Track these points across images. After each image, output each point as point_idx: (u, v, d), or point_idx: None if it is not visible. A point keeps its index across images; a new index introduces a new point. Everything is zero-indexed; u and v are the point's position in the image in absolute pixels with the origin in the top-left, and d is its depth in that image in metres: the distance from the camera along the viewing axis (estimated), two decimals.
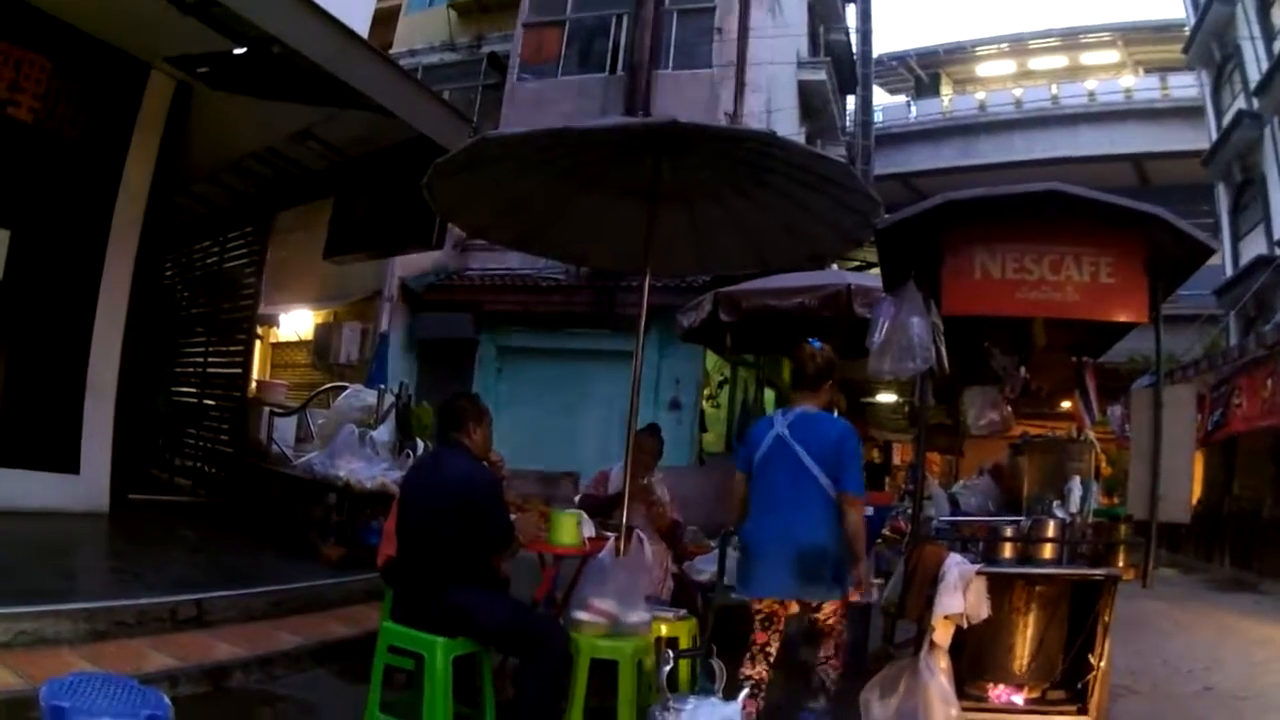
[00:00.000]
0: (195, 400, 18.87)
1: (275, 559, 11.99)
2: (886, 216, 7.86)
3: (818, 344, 7.29)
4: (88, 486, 12.57)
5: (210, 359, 18.87)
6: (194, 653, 8.00)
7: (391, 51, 25.30)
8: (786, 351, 10.37)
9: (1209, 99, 38.31)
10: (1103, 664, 7.42)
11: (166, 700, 4.31)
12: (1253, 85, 31.61)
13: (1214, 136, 36.15)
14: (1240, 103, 33.54)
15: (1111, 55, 55.71)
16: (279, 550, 12.48)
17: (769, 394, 23.51)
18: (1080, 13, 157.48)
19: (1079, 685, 7.51)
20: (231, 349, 18.17)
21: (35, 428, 12.14)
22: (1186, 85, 43.15)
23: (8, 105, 11.25)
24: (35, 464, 11.89)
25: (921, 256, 7.78)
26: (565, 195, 8.37)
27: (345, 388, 15.36)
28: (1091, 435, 9.56)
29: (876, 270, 10.24)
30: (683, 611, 7.87)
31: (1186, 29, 40.47)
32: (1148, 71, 51.87)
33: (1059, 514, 7.87)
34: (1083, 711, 7.45)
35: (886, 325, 7.77)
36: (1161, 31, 50.48)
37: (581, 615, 6.88)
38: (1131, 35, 54.09)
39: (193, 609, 8.88)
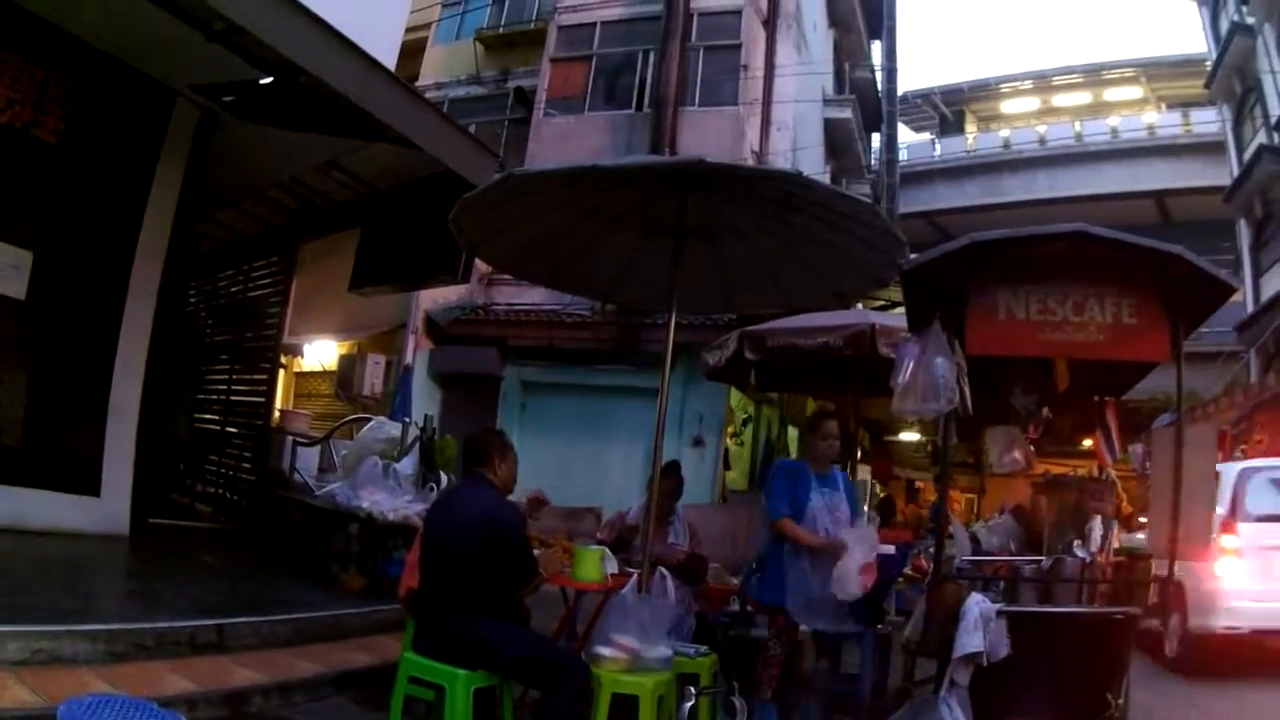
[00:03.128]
0: (218, 427, 18.89)
1: (296, 587, 11.97)
2: (912, 257, 7.89)
3: None
4: (108, 509, 12.54)
5: (234, 386, 18.91)
6: (213, 677, 8.01)
7: (418, 84, 25.37)
8: (810, 391, 10.58)
9: (1230, 134, 38.06)
10: (1120, 701, 7.42)
11: None
12: (1274, 119, 31.47)
13: (1235, 172, 35.86)
14: (1261, 137, 33.37)
15: (1134, 91, 55.46)
16: (300, 578, 12.47)
17: (792, 432, 23.51)
18: (1103, 48, 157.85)
19: None
20: (255, 377, 18.20)
21: (57, 449, 12.13)
22: (1208, 121, 42.80)
23: (31, 126, 11.26)
24: (56, 485, 11.85)
25: (946, 297, 7.79)
26: (591, 232, 8.39)
27: (369, 419, 15.37)
28: (1113, 473, 9.56)
29: (900, 310, 10.25)
30: (704, 648, 7.87)
31: (1208, 63, 40.34)
32: (1170, 107, 51.53)
33: (1079, 553, 7.87)
34: None
35: (911, 366, 7.77)
36: (1183, 66, 50.22)
37: (603, 650, 6.88)
38: (1154, 70, 53.85)
39: (213, 634, 8.88)
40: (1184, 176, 43.10)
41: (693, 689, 6.55)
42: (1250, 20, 33.85)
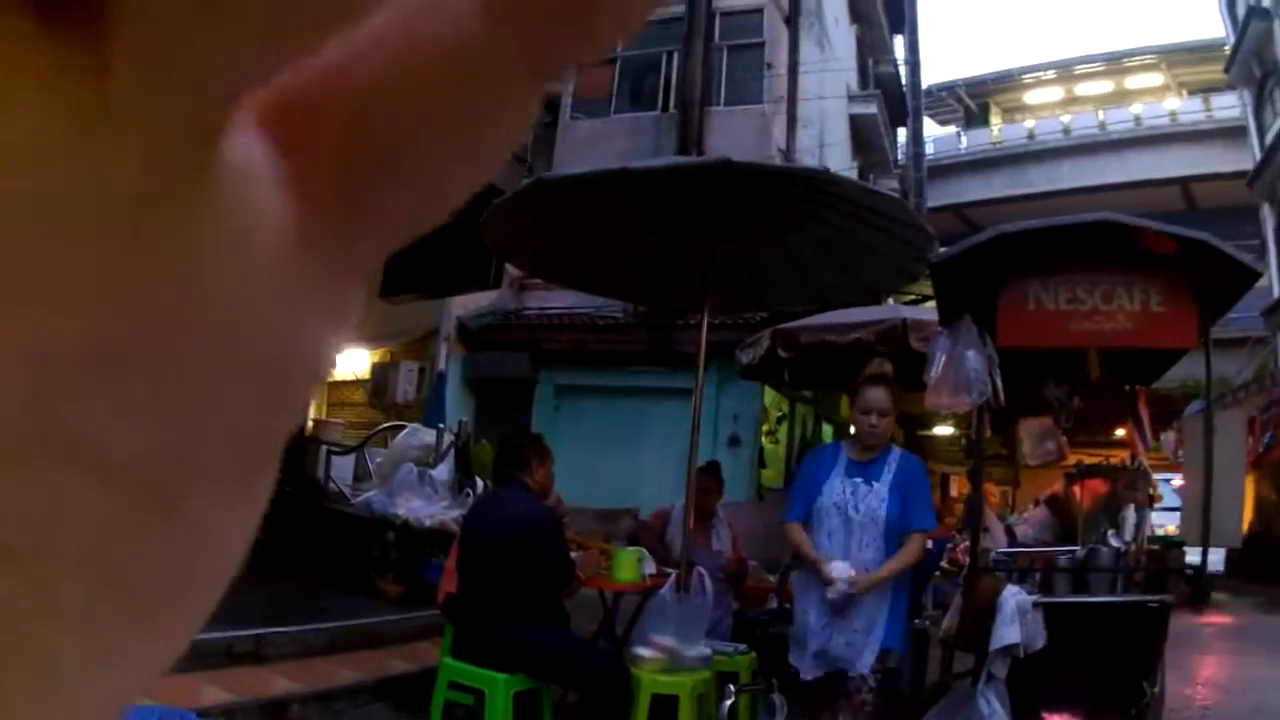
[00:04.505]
0: None
1: (333, 595, 11.98)
2: (941, 251, 7.89)
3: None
4: None
5: None
6: (251, 687, 8.04)
7: None
8: (844, 387, 10.32)
9: (1251, 118, 37.91)
10: (1156, 690, 7.41)
11: None
12: None
13: (1257, 156, 35.76)
14: None
15: (1155, 78, 55.36)
16: (337, 587, 12.49)
17: (827, 429, 23.48)
18: (1122, 36, 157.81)
19: (1132, 712, 7.48)
20: None
21: None
22: (1229, 106, 42.75)
23: None
24: None
25: (976, 289, 7.79)
26: (622, 234, 8.40)
27: (403, 426, 15.39)
28: (1145, 463, 9.54)
29: (931, 304, 10.24)
30: (743, 647, 7.86)
31: (1227, 48, 40.24)
32: (1191, 93, 51.47)
33: (1114, 542, 7.86)
34: None
35: (943, 360, 7.77)
36: (1202, 52, 50.06)
37: (642, 651, 6.89)
38: (1173, 57, 53.73)
39: (250, 644, 8.91)
40: (1207, 162, 43.02)
41: (732, 687, 6.56)
42: (1267, 3, 33.68)
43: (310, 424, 18.02)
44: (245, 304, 0.28)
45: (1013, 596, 7.22)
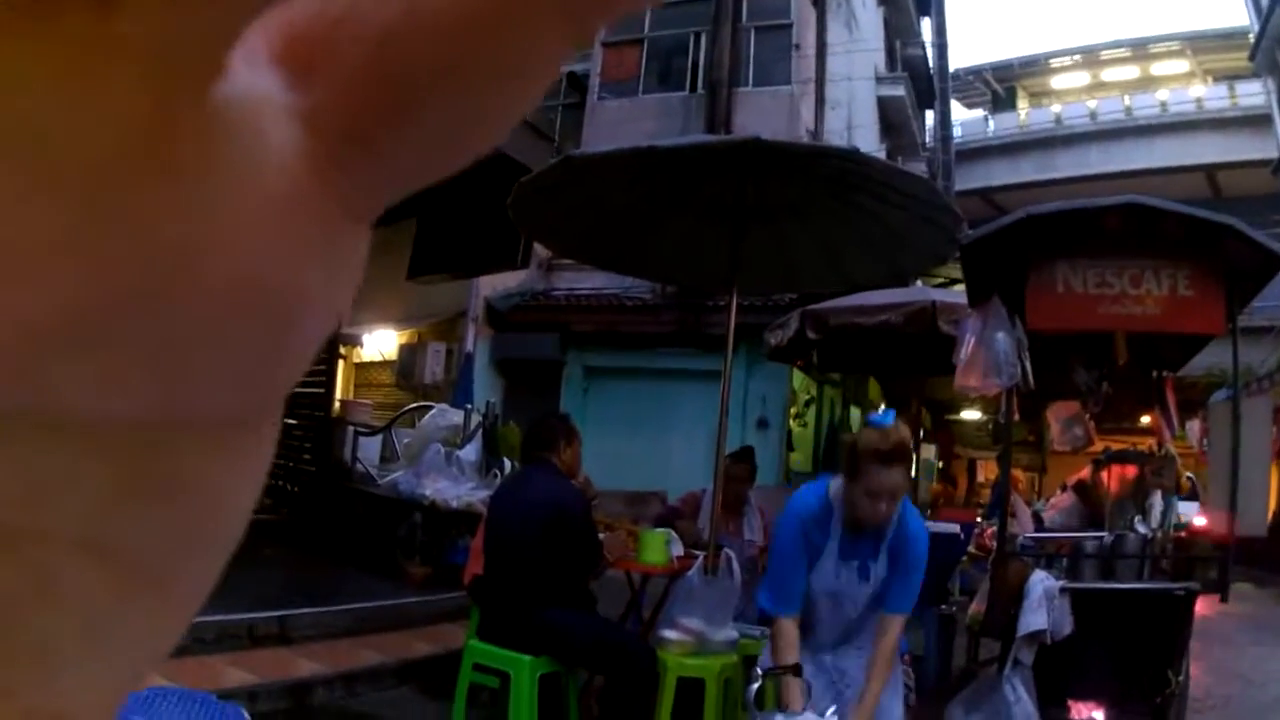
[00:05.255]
0: None
1: (358, 577, 12.01)
2: (969, 232, 7.83)
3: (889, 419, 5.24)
4: None
5: None
6: (275, 669, 8.06)
7: None
8: (872, 370, 10.21)
9: (1275, 106, 37.94)
10: (1181, 679, 7.37)
11: (246, 715, 4.29)
12: None
13: None
14: None
15: (1181, 65, 55.36)
16: (362, 569, 12.50)
17: (854, 412, 23.45)
18: (1148, 21, 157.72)
19: (1157, 700, 7.44)
20: (314, 368, 18.18)
21: None
22: (1255, 93, 42.78)
23: None
24: None
25: (1005, 272, 7.75)
26: (650, 214, 8.35)
27: (430, 407, 15.42)
28: (1172, 449, 9.50)
29: (960, 287, 10.18)
30: (769, 629, 7.83)
31: (1251, 36, 40.17)
32: (1216, 80, 51.45)
33: (1140, 529, 7.83)
34: None
35: (972, 341, 7.73)
36: (1228, 39, 50.06)
37: (669, 634, 6.85)
38: (1199, 44, 53.76)
39: (274, 626, 8.92)
40: (1233, 149, 43.02)
41: (759, 670, 6.52)
42: None
43: (337, 405, 18.07)
44: (248, 246, 0.27)
45: (1040, 582, 7.19)
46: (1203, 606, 7.75)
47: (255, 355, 0.29)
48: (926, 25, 38.60)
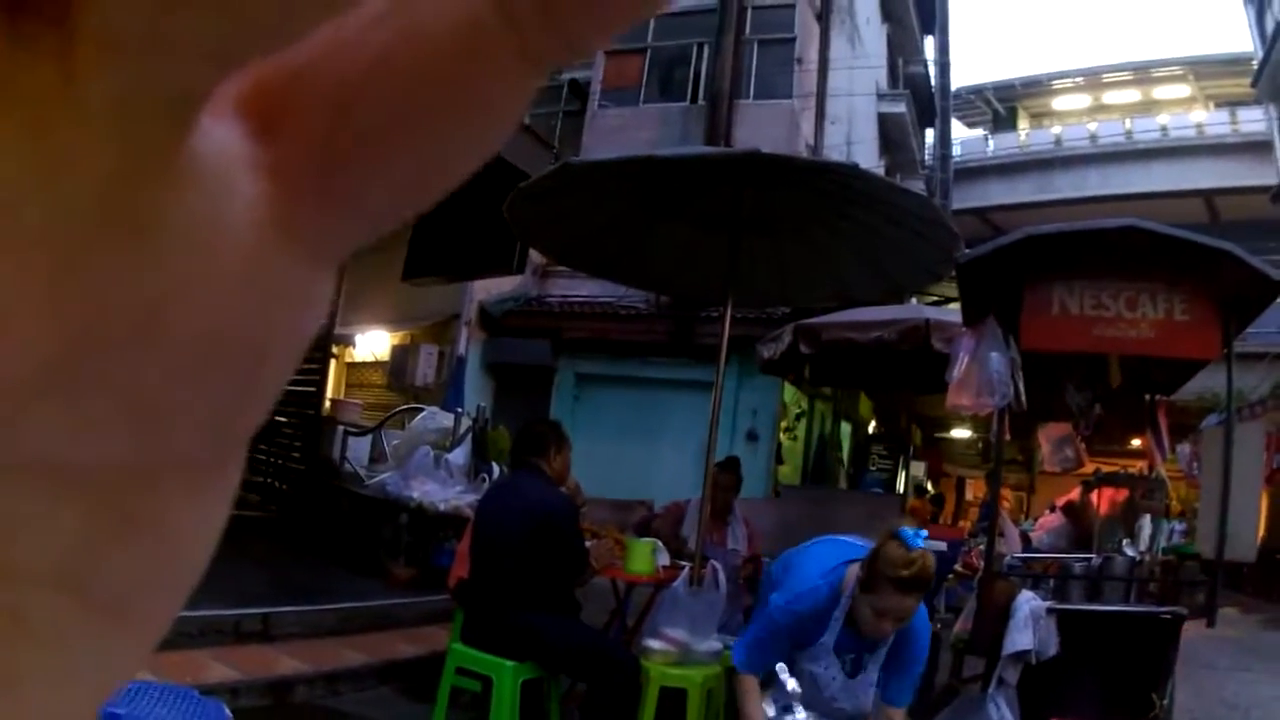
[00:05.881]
0: (268, 416, 18.75)
1: (344, 577, 12.02)
2: (967, 251, 7.85)
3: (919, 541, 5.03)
4: None
5: None
6: (258, 666, 8.07)
7: None
8: (864, 386, 10.18)
9: (1277, 134, 37.96)
10: (1165, 702, 7.39)
11: (227, 712, 4.29)
12: None
13: None
14: None
15: (1183, 89, 55.39)
16: (348, 568, 12.50)
17: (845, 427, 23.49)
18: (1151, 45, 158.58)
19: None
20: (306, 366, 18.14)
21: None
22: (1256, 120, 42.82)
23: None
24: None
25: (1001, 291, 7.76)
26: (647, 223, 8.36)
27: (421, 409, 15.42)
28: (1163, 473, 9.53)
29: (954, 306, 10.20)
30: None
31: (1255, 62, 40.24)
32: (1218, 106, 51.50)
33: (1129, 552, 7.86)
34: None
35: (965, 360, 7.75)
36: (1230, 65, 50.09)
37: (653, 643, 6.87)
38: (1201, 69, 53.79)
39: (258, 623, 8.93)
40: (1232, 175, 42.98)
41: None
42: None
43: (328, 404, 18.07)
44: (215, 299, 0.28)
45: (1027, 602, 7.22)
46: (1189, 631, 7.76)
47: (221, 402, 0.30)
48: (930, 43, 38.65)
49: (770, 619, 5.27)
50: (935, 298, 16.20)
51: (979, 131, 57.87)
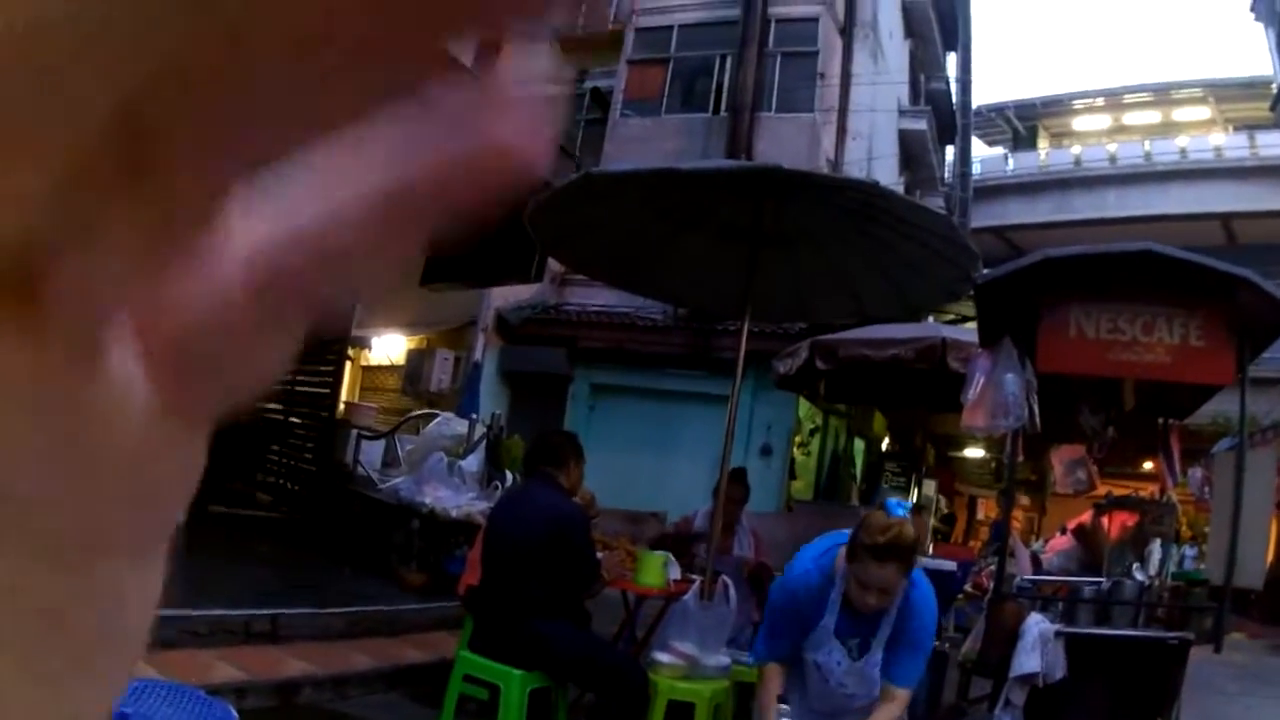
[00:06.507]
0: (281, 417, 18.86)
1: (353, 580, 12.01)
2: (985, 272, 7.85)
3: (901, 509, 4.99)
4: None
5: (298, 377, 18.88)
6: (265, 667, 8.06)
7: None
8: (878, 403, 10.16)
9: None
10: None
11: (234, 712, 4.28)
12: None
13: None
14: None
15: (1202, 111, 55.14)
16: (358, 572, 12.50)
17: (859, 444, 23.44)
18: (1171, 68, 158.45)
19: None
20: (321, 369, 18.13)
21: None
22: (1274, 144, 42.64)
23: None
24: None
25: (1018, 313, 7.75)
26: (667, 235, 8.36)
27: (435, 415, 15.42)
28: (1174, 497, 9.52)
29: (971, 324, 10.19)
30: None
31: (1274, 86, 40.15)
32: (1236, 129, 51.33)
33: (1138, 576, 7.86)
34: None
35: (981, 381, 7.75)
36: (1250, 88, 49.88)
37: (662, 656, 6.85)
38: (1221, 91, 53.54)
39: (266, 624, 8.92)
40: (1250, 199, 42.80)
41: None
42: None
43: (342, 406, 18.07)
44: (120, 467, 0.31)
45: (1035, 625, 7.21)
46: (1196, 655, 7.74)
47: (133, 519, 0.33)
48: (952, 60, 38.57)
49: (770, 606, 5.47)
50: (952, 315, 16.18)
51: (999, 150, 57.67)
